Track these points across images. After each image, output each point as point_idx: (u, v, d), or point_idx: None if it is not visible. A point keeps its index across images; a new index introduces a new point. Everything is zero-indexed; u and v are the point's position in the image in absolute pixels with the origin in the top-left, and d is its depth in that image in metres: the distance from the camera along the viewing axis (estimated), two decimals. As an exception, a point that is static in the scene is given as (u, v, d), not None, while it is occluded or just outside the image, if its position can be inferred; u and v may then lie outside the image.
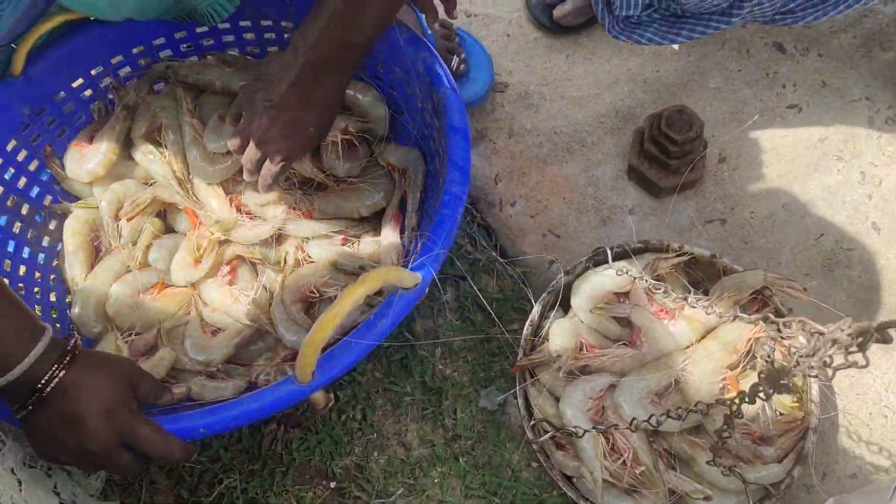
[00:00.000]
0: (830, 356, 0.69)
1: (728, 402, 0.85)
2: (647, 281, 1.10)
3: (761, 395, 0.79)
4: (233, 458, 1.21)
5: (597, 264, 1.21)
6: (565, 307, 1.22)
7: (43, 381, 0.76)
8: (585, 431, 1.05)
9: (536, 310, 1.18)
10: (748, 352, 1.14)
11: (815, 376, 0.70)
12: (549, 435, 1.10)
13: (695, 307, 1.07)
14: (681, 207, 1.36)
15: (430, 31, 1.28)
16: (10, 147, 1.17)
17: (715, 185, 1.37)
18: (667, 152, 1.30)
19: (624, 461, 1.07)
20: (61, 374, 0.76)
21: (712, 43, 1.50)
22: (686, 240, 1.30)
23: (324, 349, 0.87)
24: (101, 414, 0.78)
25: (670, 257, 1.18)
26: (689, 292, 1.18)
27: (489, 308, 1.27)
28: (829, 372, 0.69)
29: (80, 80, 1.23)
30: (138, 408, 0.85)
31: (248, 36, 1.29)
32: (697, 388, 1.10)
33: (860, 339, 0.66)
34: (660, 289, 1.06)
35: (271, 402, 0.87)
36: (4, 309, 0.75)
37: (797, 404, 1.11)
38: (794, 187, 1.36)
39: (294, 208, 1.21)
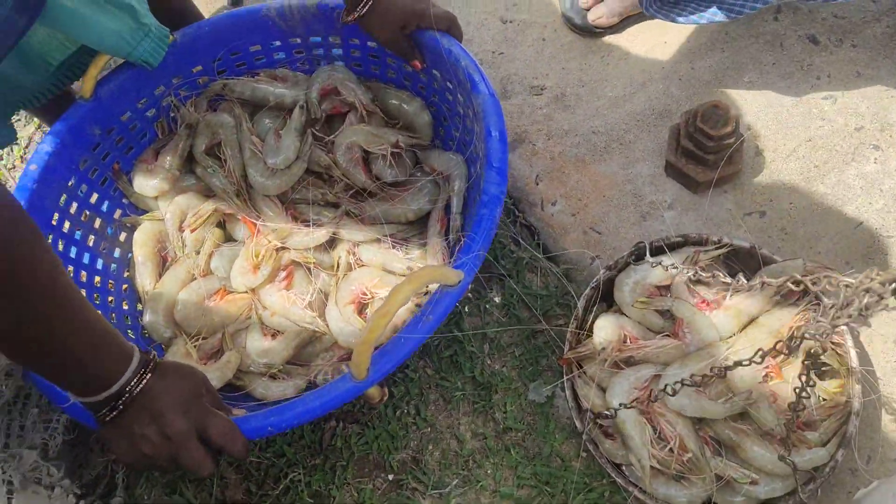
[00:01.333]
0: (866, 305, 0.74)
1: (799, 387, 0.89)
2: (693, 272, 1.14)
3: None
4: (296, 454, 1.27)
5: (638, 258, 1.25)
6: (609, 302, 1.26)
7: (131, 385, 0.85)
8: (622, 405, 1.09)
9: (580, 305, 1.22)
10: (790, 339, 1.16)
11: (852, 324, 0.76)
12: (592, 422, 1.14)
13: (738, 289, 1.09)
14: (719, 201, 1.39)
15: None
16: (82, 165, 1.26)
17: (753, 177, 1.40)
18: (703, 147, 1.33)
19: (671, 448, 1.10)
20: (148, 377, 0.86)
21: (746, 37, 1.52)
22: (725, 233, 1.33)
23: (376, 347, 0.93)
24: (179, 406, 0.87)
25: (710, 250, 1.21)
26: (730, 283, 1.21)
27: (533, 305, 1.32)
28: (867, 319, 0.75)
29: (145, 100, 1.32)
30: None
31: (299, 53, 1.37)
32: (741, 377, 1.13)
33: (893, 286, 0.73)
34: (708, 275, 1.10)
35: (331, 399, 0.94)
36: (105, 336, 0.85)
37: (839, 389, 1.13)
38: (831, 177, 1.37)
39: (346, 215, 1.28)
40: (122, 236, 1.36)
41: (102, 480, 1.28)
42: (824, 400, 1.14)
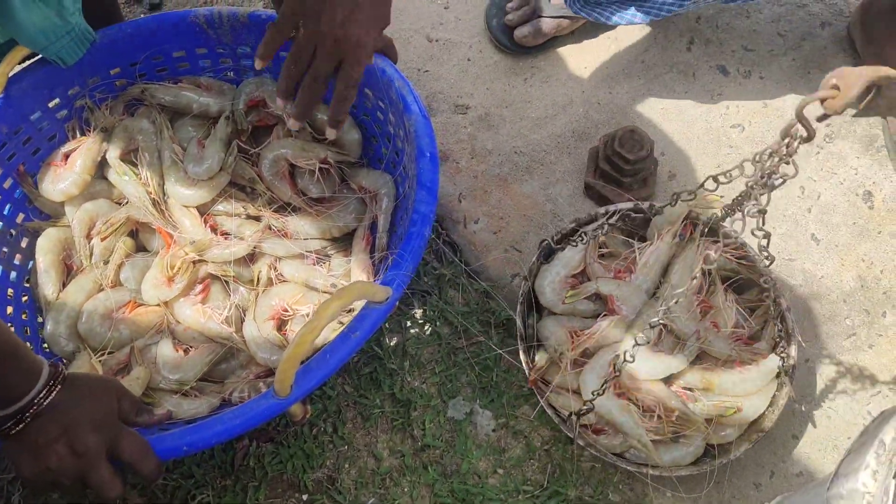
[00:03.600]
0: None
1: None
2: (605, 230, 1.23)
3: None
4: (205, 475, 1.23)
5: (546, 257, 1.28)
6: (537, 311, 1.29)
7: (39, 398, 0.81)
8: (595, 394, 1.11)
9: (518, 322, 1.23)
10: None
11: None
12: (576, 418, 1.16)
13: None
14: (635, 223, 1.43)
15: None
16: (-15, 166, 1.19)
17: (665, 200, 1.44)
18: (620, 171, 1.37)
19: (658, 416, 1.14)
20: (57, 390, 0.83)
21: (661, 66, 1.58)
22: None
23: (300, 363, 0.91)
24: (91, 421, 0.84)
25: (603, 222, 1.26)
26: (633, 244, 1.28)
27: (455, 321, 1.33)
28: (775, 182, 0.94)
29: (57, 101, 1.25)
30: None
31: (224, 62, 1.33)
32: (685, 322, 1.20)
33: (787, 140, 0.88)
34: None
35: (252, 417, 0.91)
36: (12, 352, 0.81)
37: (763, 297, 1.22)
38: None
39: (268, 228, 1.25)
40: (24, 242, 1.28)
41: (-5, 504, 1.21)
42: (751, 311, 1.25)
